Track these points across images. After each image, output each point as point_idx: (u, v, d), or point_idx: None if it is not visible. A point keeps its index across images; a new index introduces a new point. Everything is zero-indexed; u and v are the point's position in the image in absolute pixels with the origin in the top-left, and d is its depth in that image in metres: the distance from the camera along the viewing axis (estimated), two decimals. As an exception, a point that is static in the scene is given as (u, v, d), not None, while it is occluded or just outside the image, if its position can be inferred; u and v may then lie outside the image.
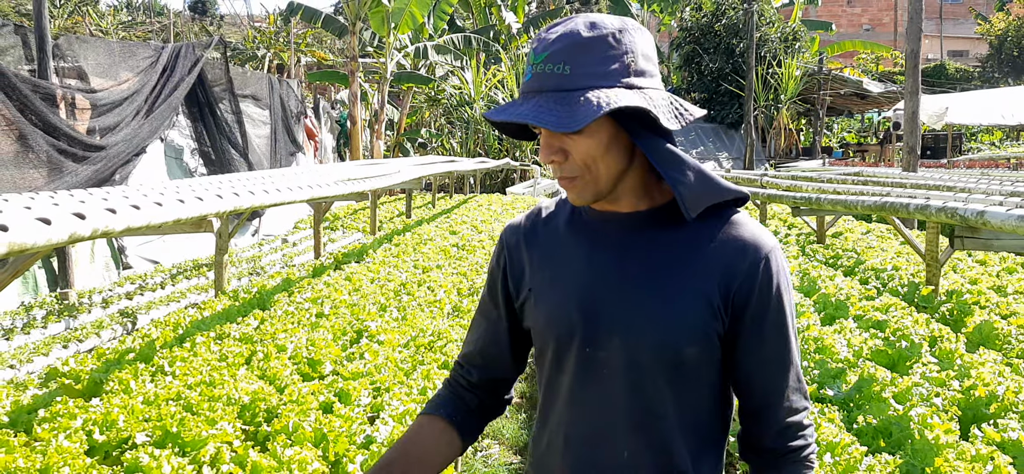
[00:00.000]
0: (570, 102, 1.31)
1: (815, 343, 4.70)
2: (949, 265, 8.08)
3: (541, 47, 1.36)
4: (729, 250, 1.40)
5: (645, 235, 1.45)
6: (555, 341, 1.50)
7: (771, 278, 1.39)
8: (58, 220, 2.69)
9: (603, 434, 1.46)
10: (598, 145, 1.36)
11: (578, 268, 1.49)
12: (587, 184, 1.40)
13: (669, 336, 1.39)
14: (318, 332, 5.33)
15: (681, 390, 1.43)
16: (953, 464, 2.91)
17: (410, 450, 1.58)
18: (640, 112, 1.34)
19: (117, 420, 3.58)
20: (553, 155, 1.38)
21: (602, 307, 1.45)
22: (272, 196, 5.34)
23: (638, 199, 1.44)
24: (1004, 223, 3.84)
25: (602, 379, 1.45)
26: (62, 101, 9.16)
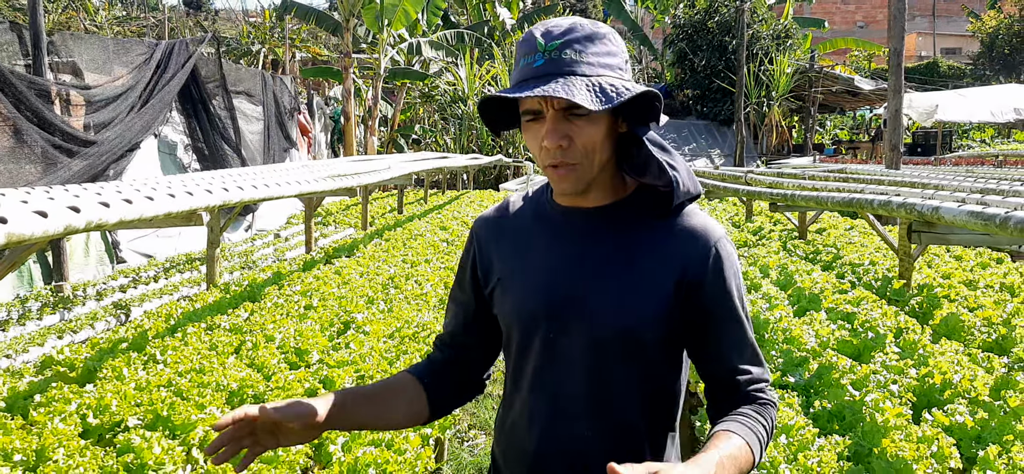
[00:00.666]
0: (590, 87, 1.39)
1: (784, 334, 4.88)
2: (925, 260, 8.27)
3: (552, 36, 1.43)
4: (683, 239, 1.52)
5: (607, 227, 1.55)
6: (521, 328, 1.60)
7: (721, 264, 1.52)
8: (54, 213, 2.85)
9: (566, 415, 1.57)
10: (600, 133, 1.45)
11: (544, 259, 1.59)
12: (583, 172, 1.47)
13: (630, 321, 1.50)
14: (306, 323, 5.50)
15: (641, 373, 1.54)
16: (899, 444, 3.08)
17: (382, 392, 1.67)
18: (650, 100, 1.45)
19: (110, 405, 3.74)
20: (561, 140, 1.43)
21: (566, 295, 1.54)
22: (261, 191, 5.51)
23: (604, 194, 1.55)
24: (956, 218, 4.02)
25: (566, 363, 1.55)
26: (57, 97, 9.30)
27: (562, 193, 1.53)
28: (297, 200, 14.60)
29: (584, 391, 1.55)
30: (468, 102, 27.73)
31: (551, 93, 1.36)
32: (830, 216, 12.41)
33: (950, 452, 3.10)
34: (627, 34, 35.39)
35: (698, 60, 30.82)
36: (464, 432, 5.76)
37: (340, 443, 3.53)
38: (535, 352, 1.58)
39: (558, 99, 1.40)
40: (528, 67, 1.44)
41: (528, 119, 1.48)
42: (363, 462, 3.18)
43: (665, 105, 20.60)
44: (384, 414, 1.66)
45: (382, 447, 3.36)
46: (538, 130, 1.46)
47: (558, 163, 1.46)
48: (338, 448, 3.48)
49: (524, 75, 1.45)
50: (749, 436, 1.47)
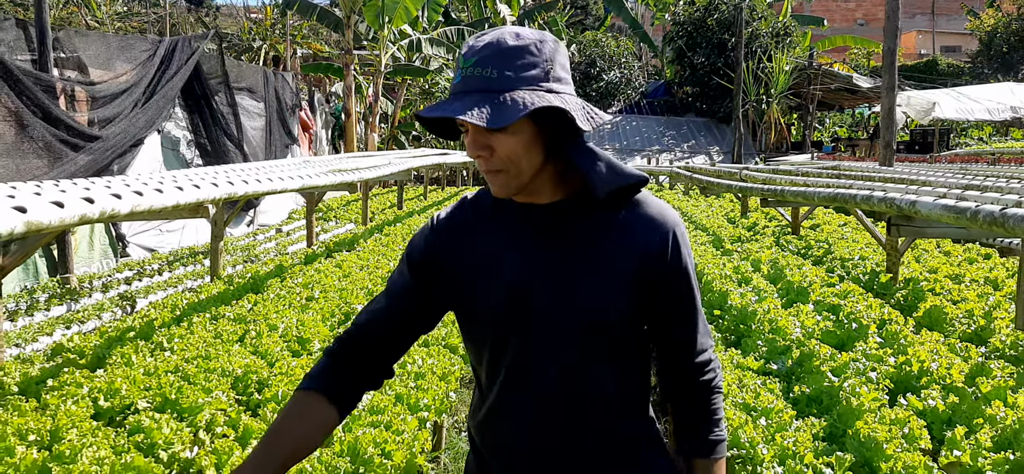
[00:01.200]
0: (497, 102, 1.46)
1: (770, 324, 5.04)
2: (914, 255, 8.43)
3: (470, 53, 1.51)
4: (640, 227, 1.63)
5: (565, 221, 1.64)
6: (492, 325, 1.64)
7: (678, 248, 1.64)
8: (70, 203, 3.01)
9: (544, 408, 1.63)
10: (520, 142, 1.52)
11: (507, 255, 1.64)
12: (511, 178, 1.55)
13: (597, 306, 1.58)
14: (308, 313, 5.65)
15: (612, 357, 1.63)
16: (873, 426, 3.24)
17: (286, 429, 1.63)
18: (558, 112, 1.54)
19: (120, 388, 3.90)
20: (480, 151, 1.52)
21: (533, 289, 1.61)
22: (265, 185, 5.66)
23: (555, 190, 1.63)
24: (932, 212, 4.19)
25: (540, 357, 1.61)
26: (62, 93, 9.47)
27: (496, 195, 1.60)
28: (298, 196, 14.77)
29: (559, 381, 1.62)
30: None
31: (449, 114, 1.46)
32: (824, 213, 12.56)
33: (921, 433, 3.26)
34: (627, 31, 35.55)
35: (697, 57, 30.96)
36: (462, 422, 5.91)
37: (340, 425, 3.69)
38: (509, 350, 1.64)
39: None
40: (454, 84, 1.54)
41: (463, 132, 1.57)
42: (363, 441, 3.34)
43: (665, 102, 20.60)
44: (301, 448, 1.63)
45: (381, 428, 3.52)
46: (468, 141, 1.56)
47: (486, 170, 1.56)
48: (339, 428, 3.64)
49: (451, 91, 1.54)
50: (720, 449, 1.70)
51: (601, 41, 33.83)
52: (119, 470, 3.04)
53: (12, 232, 2.63)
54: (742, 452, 3.17)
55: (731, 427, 3.32)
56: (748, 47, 28.77)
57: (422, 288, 1.72)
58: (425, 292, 1.72)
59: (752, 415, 3.51)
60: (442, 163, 17.09)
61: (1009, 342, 4.73)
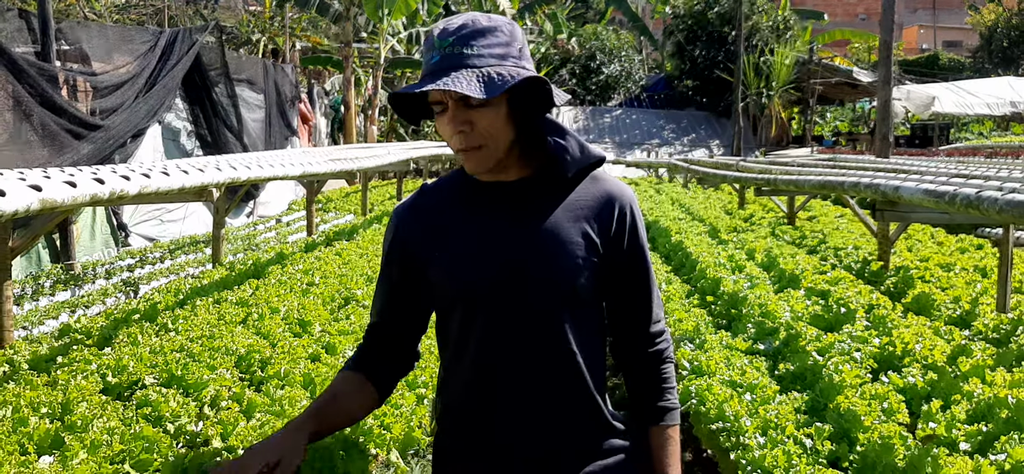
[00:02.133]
0: (482, 76, 1.55)
1: (760, 309, 5.16)
2: (907, 245, 8.55)
3: (446, 33, 1.60)
4: (599, 201, 1.75)
5: (530, 197, 1.74)
6: (463, 299, 1.72)
7: (634, 221, 1.78)
8: (82, 183, 3.13)
9: (514, 378, 1.72)
10: (499, 117, 1.62)
11: (476, 232, 1.72)
12: (489, 153, 1.64)
13: (562, 274, 1.68)
14: (309, 298, 5.78)
15: (577, 321, 1.72)
16: (853, 400, 3.37)
17: (339, 398, 1.81)
18: (528, 89, 1.65)
19: (128, 365, 4.03)
20: (461, 126, 1.60)
21: (502, 263, 1.69)
22: (266, 171, 5.79)
23: (521, 168, 1.74)
24: (913, 196, 4.31)
25: (509, 328, 1.70)
26: (65, 84, 9.59)
27: (473, 173, 1.68)
28: (298, 187, 14.89)
29: (526, 354, 1.71)
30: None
31: (441, 86, 1.54)
32: (821, 205, 12.67)
33: (899, 407, 3.38)
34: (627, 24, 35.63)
35: (697, 51, 31.04)
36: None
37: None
38: (478, 322, 1.71)
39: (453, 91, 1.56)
40: (428, 64, 1.60)
41: (438, 111, 1.63)
42: (362, 414, 3.47)
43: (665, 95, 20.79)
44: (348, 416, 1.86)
45: (379, 402, 3.65)
46: (444, 119, 1.63)
47: (465, 147, 1.62)
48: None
49: (425, 72, 1.61)
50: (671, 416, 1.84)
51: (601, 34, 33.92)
52: (128, 440, 3.16)
53: (29, 208, 2.76)
54: (726, 425, 3.30)
55: (717, 401, 3.45)
56: (748, 41, 28.88)
57: (403, 277, 1.82)
58: (408, 280, 1.82)
59: (738, 391, 3.64)
60: (441, 154, 17.21)
61: (992, 325, 4.86)
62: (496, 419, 1.74)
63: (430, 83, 1.57)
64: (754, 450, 2.99)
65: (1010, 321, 4.82)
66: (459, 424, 1.80)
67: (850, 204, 7.13)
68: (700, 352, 4.29)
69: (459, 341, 1.75)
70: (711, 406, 3.46)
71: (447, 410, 1.82)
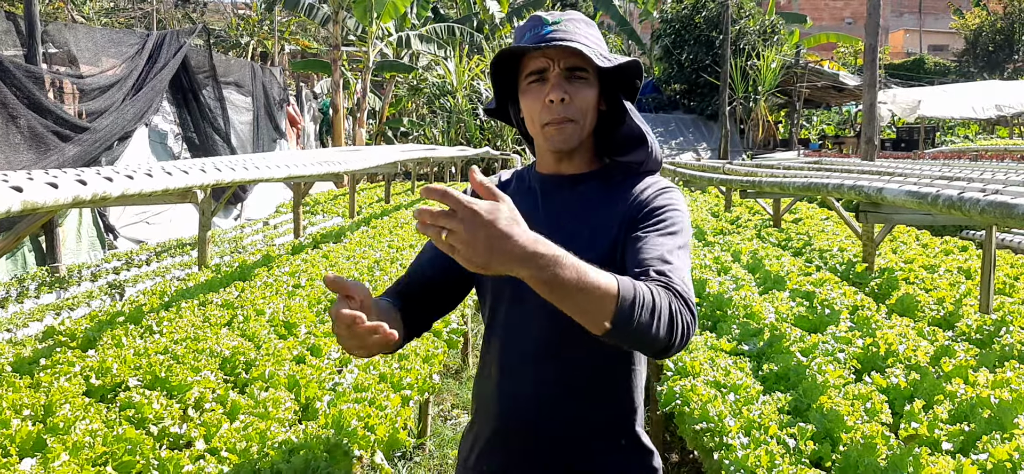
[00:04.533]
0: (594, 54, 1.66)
1: (745, 310, 5.18)
2: (891, 247, 8.59)
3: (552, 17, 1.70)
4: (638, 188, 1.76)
5: (581, 192, 1.79)
6: (496, 282, 1.78)
7: (663, 193, 1.73)
8: (64, 184, 3.12)
9: (533, 356, 1.76)
10: (593, 97, 1.71)
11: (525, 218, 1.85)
12: (577, 129, 1.71)
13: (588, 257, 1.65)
14: (295, 300, 5.77)
15: None
16: (836, 401, 3.39)
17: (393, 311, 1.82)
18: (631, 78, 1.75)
19: (111, 367, 4.01)
20: (563, 94, 1.67)
21: None
22: (252, 173, 5.78)
23: (581, 163, 1.81)
24: (896, 198, 4.35)
25: (535, 310, 1.70)
26: (51, 86, 9.55)
27: (556, 148, 1.73)
28: (286, 189, 14.84)
29: (556, 338, 1.73)
30: (457, 95, 27.97)
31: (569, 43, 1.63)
32: (807, 207, 12.73)
33: (882, 407, 3.40)
34: (615, 28, 35.70)
35: (685, 55, 31.13)
36: (447, 411, 6.05)
37: (326, 401, 3.82)
38: (506, 306, 1.79)
39: (565, 58, 1.67)
40: (536, 35, 1.68)
41: (532, 80, 1.70)
42: (348, 415, 3.46)
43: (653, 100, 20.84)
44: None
45: (365, 404, 3.64)
46: (541, 90, 1.69)
47: (559, 118, 1.68)
48: (324, 404, 3.77)
49: (534, 41, 1.68)
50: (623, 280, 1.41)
51: (589, 38, 33.88)
52: (111, 442, 3.15)
53: (9, 210, 2.75)
54: (710, 425, 3.31)
55: (701, 402, 3.46)
56: (735, 45, 28.98)
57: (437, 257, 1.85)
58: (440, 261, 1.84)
59: (722, 391, 3.65)
60: (429, 157, 17.19)
61: (975, 326, 4.89)
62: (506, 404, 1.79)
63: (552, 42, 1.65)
64: (737, 450, 3.01)
65: (993, 322, 4.85)
66: (486, 403, 1.86)
67: (835, 206, 7.18)
68: (685, 353, 4.30)
69: (489, 325, 1.84)
70: (695, 407, 3.48)
71: (477, 390, 1.90)
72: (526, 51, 1.70)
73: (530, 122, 1.74)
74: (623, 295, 1.37)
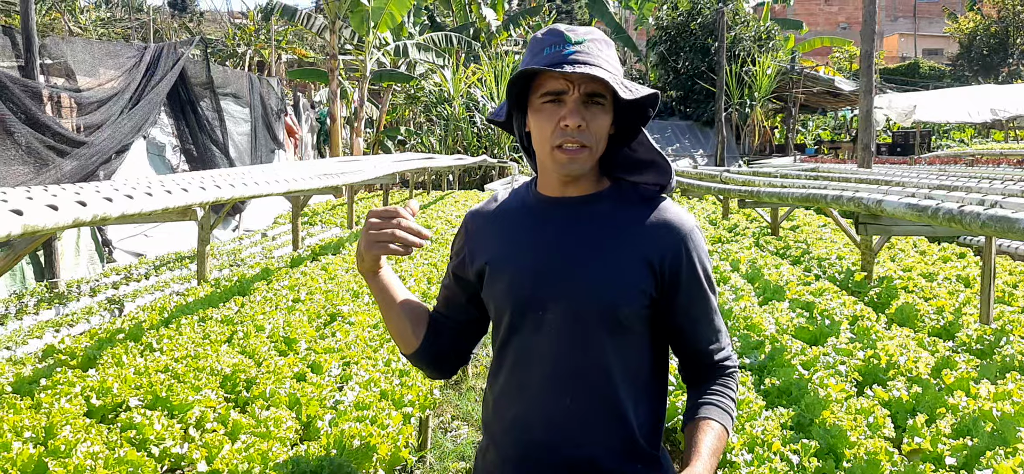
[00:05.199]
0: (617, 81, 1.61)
1: (746, 321, 5.18)
2: (890, 255, 8.61)
3: (577, 33, 1.64)
4: (659, 228, 1.72)
5: (589, 215, 1.74)
6: (511, 306, 1.72)
7: (692, 251, 1.72)
8: (63, 206, 3.11)
9: (551, 388, 1.70)
10: (608, 124, 1.66)
11: (532, 243, 1.73)
12: (590, 155, 1.66)
13: (608, 297, 1.65)
14: (294, 315, 5.76)
15: (619, 345, 1.68)
16: (838, 415, 3.39)
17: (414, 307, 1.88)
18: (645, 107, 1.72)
19: (112, 387, 4.01)
20: (580, 121, 1.61)
21: (552, 276, 1.68)
22: (251, 189, 5.77)
23: (587, 186, 1.76)
24: (896, 210, 4.35)
25: (551, 337, 1.68)
26: (49, 100, 9.53)
27: (568, 173, 1.68)
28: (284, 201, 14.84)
29: (568, 365, 1.69)
30: (454, 103, 27.99)
31: (592, 72, 1.57)
32: (803, 214, 12.75)
33: (884, 422, 3.40)
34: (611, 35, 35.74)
35: (680, 62, 31.17)
36: (447, 423, 6.03)
37: (327, 419, 3.81)
38: (523, 330, 1.72)
39: (586, 83, 1.62)
40: (557, 53, 1.61)
41: (547, 100, 1.64)
42: (348, 435, 3.46)
43: (648, 106, 20.78)
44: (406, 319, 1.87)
45: (366, 423, 3.64)
46: (555, 111, 1.63)
47: (573, 143, 1.63)
48: (325, 423, 3.76)
49: (555, 59, 1.60)
50: (723, 417, 1.68)
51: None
52: (112, 464, 3.14)
53: (9, 234, 2.74)
54: (732, 435, 3.30)
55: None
56: (731, 51, 29.01)
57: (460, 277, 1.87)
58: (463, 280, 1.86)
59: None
60: (427, 167, 17.20)
61: (975, 336, 4.89)
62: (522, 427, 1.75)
63: (578, 67, 1.59)
64: (741, 468, 3.00)
65: (993, 332, 4.86)
66: (496, 420, 1.82)
67: (833, 214, 7.18)
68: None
69: (502, 346, 1.78)
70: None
71: (488, 410, 1.86)
72: (541, 73, 1.66)
73: (539, 141, 1.70)
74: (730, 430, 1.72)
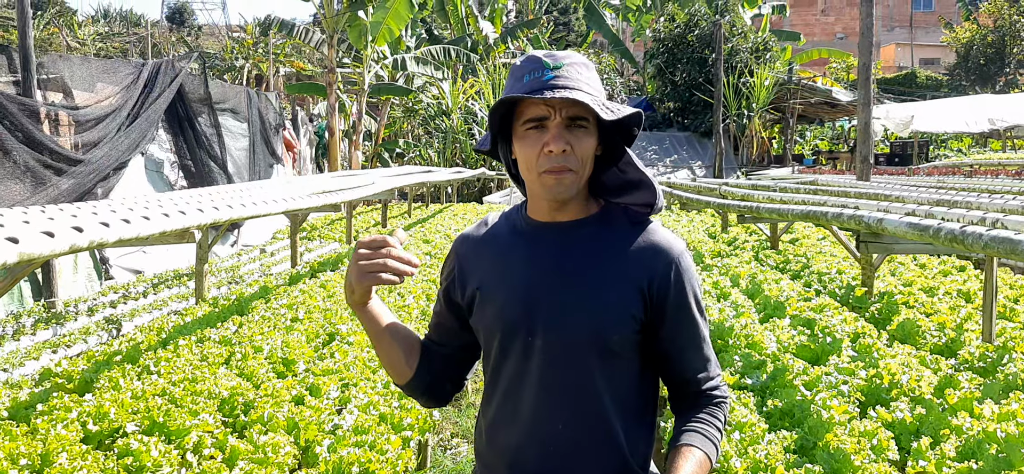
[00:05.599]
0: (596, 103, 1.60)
1: (746, 339, 5.16)
2: (890, 269, 8.58)
3: (557, 58, 1.64)
4: (648, 253, 1.71)
5: (579, 240, 1.73)
6: (501, 332, 1.71)
7: (681, 277, 1.71)
8: (60, 233, 3.09)
9: (543, 414, 1.69)
10: (593, 147, 1.66)
11: (522, 268, 1.72)
12: (576, 178, 1.65)
13: (599, 324, 1.65)
14: (293, 335, 5.73)
15: (610, 370, 1.68)
16: (842, 438, 3.36)
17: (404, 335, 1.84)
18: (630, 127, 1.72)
19: (108, 412, 3.97)
20: (564, 145, 1.61)
21: (543, 301, 1.68)
22: (249, 209, 5.75)
23: (577, 210, 1.75)
24: (897, 229, 4.33)
25: (542, 363, 1.67)
26: (46, 118, 9.51)
27: (554, 197, 1.67)
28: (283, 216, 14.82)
29: (559, 390, 1.68)
30: (452, 116, 28.01)
31: (572, 96, 1.57)
32: (802, 227, 12.73)
33: (888, 445, 3.37)
34: (608, 47, 35.84)
35: (678, 73, 31.22)
36: (447, 440, 6.00)
37: (326, 445, 3.77)
38: (514, 356, 1.71)
39: (567, 107, 1.62)
40: (536, 80, 1.61)
41: (530, 127, 1.64)
42: (347, 461, 3.42)
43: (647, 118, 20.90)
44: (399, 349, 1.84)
45: (365, 448, 3.61)
46: (539, 137, 1.63)
47: (558, 168, 1.62)
48: (324, 449, 3.72)
49: (534, 86, 1.61)
50: (706, 445, 1.66)
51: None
52: (109, 493, 3.11)
53: (5, 263, 2.72)
54: (716, 466, 3.27)
55: (705, 441, 3.42)
56: (728, 62, 29.07)
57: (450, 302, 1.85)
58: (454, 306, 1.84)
59: (726, 430, 3.62)
60: (426, 181, 17.18)
61: (978, 355, 4.87)
62: (515, 455, 1.74)
63: (557, 91, 1.59)
64: (744, 493, 2.97)
65: (996, 349, 4.83)
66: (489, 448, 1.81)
67: (833, 229, 7.16)
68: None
69: (493, 372, 1.77)
70: (700, 446, 3.44)
71: (480, 437, 1.84)
72: (522, 100, 1.65)
73: (525, 168, 1.69)
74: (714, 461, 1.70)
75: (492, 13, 31.71)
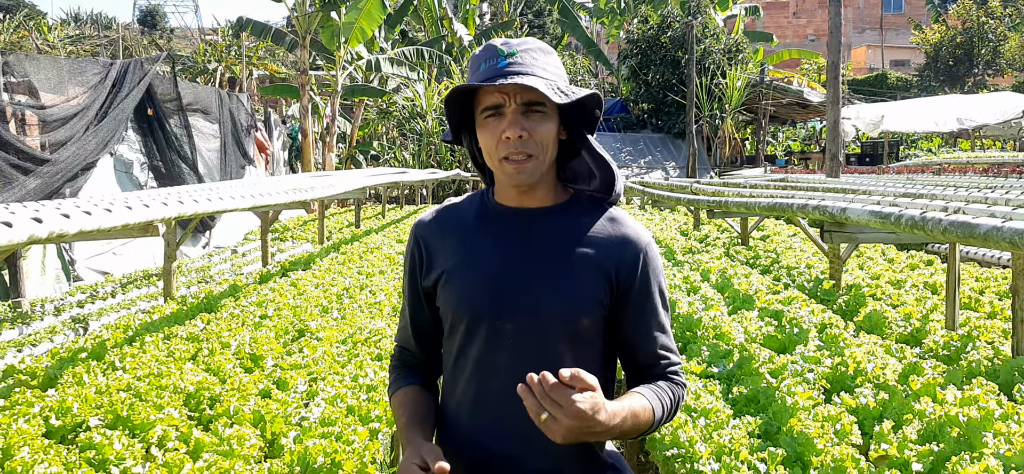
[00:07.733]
0: (550, 86, 1.62)
1: (714, 331, 5.18)
2: (858, 263, 8.67)
3: (509, 47, 1.67)
4: (616, 242, 1.75)
5: (547, 226, 1.76)
6: (468, 316, 1.73)
7: (648, 266, 1.76)
8: (18, 223, 3.05)
9: (508, 394, 1.64)
10: (553, 131, 1.68)
11: (489, 253, 1.74)
12: (538, 164, 1.67)
13: (568, 308, 1.69)
14: (261, 331, 5.69)
15: (577, 355, 1.71)
16: (805, 423, 3.39)
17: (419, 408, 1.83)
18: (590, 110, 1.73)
19: (72, 407, 3.92)
20: (521, 131, 1.63)
21: (510, 285, 1.71)
22: (216, 204, 5.70)
23: (545, 196, 1.77)
24: (859, 218, 4.38)
25: (509, 347, 1.70)
26: (12, 118, 9.40)
27: (517, 184, 1.70)
28: (254, 217, 14.73)
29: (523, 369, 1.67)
30: (427, 118, 27.97)
31: (523, 82, 1.59)
32: (773, 224, 12.83)
33: (851, 429, 3.40)
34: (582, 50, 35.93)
35: (652, 74, 31.35)
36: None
37: (292, 436, 3.75)
38: (480, 339, 1.73)
39: (521, 93, 1.63)
40: (492, 68, 1.64)
41: (488, 115, 1.67)
42: (313, 452, 3.40)
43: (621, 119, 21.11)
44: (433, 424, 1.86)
45: (331, 438, 3.58)
46: (497, 125, 1.65)
47: (518, 154, 1.65)
48: (290, 440, 3.70)
49: (489, 74, 1.64)
50: (654, 401, 1.68)
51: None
52: (70, 486, 3.07)
53: (-40, 251, 2.68)
54: (681, 451, 3.29)
55: (671, 427, 3.44)
56: (701, 64, 29.25)
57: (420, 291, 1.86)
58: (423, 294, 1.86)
59: (692, 416, 3.64)
60: (399, 181, 17.13)
61: (942, 342, 4.92)
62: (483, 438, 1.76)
63: (506, 78, 1.61)
64: (708, 476, 2.99)
65: (959, 338, 4.89)
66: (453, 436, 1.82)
67: (801, 224, 7.23)
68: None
69: (458, 355, 1.78)
70: (665, 432, 3.46)
71: (444, 421, 1.85)
72: (480, 88, 1.67)
73: (488, 155, 1.72)
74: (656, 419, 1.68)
75: (466, 15, 31.70)
